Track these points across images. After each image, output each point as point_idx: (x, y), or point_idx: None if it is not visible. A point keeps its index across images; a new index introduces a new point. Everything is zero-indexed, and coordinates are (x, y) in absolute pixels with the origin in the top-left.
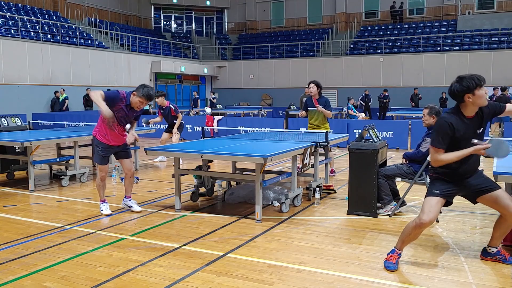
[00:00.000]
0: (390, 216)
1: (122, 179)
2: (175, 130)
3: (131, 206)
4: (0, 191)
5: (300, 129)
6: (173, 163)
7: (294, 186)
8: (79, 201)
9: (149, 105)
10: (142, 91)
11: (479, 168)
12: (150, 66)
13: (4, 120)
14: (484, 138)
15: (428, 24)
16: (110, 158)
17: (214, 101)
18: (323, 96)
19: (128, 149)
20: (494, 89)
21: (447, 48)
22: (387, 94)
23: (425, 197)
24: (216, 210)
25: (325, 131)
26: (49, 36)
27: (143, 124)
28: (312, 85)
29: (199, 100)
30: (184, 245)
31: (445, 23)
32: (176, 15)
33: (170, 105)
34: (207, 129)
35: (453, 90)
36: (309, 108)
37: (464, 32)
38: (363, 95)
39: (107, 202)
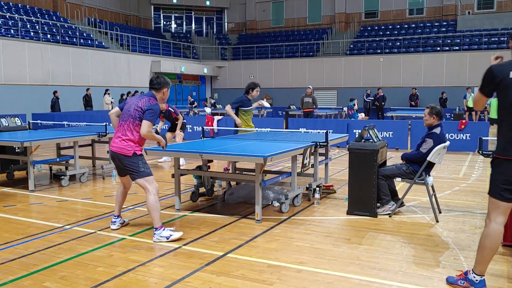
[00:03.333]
0: (390, 216)
1: None
2: (178, 131)
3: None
4: (0, 191)
5: (300, 129)
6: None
7: (294, 186)
8: (79, 201)
9: None
10: (169, 81)
11: None
12: (150, 66)
13: (4, 120)
14: None
15: (428, 24)
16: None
17: (213, 101)
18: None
19: None
20: None
21: (447, 48)
22: (382, 94)
23: None
24: (216, 210)
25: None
26: (49, 36)
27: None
28: (259, 88)
29: (195, 103)
30: (184, 245)
31: (445, 23)
32: (176, 15)
33: (170, 108)
34: (207, 129)
35: None
36: (246, 108)
37: (464, 32)
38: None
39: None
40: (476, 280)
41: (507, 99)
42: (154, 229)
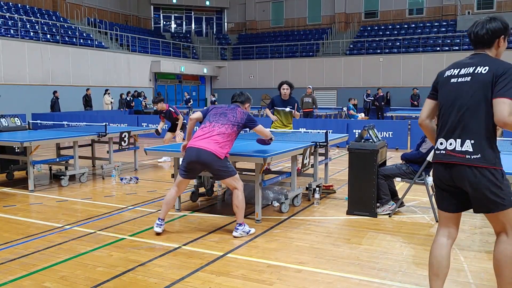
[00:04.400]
0: (389, 216)
1: (122, 179)
2: (178, 131)
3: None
4: (0, 191)
5: (300, 129)
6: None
7: (293, 186)
8: (79, 201)
9: (145, 102)
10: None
11: None
12: (150, 66)
13: (3, 120)
14: None
15: (428, 24)
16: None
17: (213, 99)
18: (293, 97)
19: None
20: None
21: (447, 48)
22: (382, 94)
23: None
24: (216, 210)
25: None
26: (48, 36)
27: (155, 133)
28: (286, 86)
29: (191, 100)
30: (184, 245)
31: (444, 23)
32: (175, 15)
33: (170, 108)
34: None
35: (491, 28)
36: (276, 108)
37: (464, 32)
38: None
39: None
40: None
41: (438, 100)
42: (237, 225)
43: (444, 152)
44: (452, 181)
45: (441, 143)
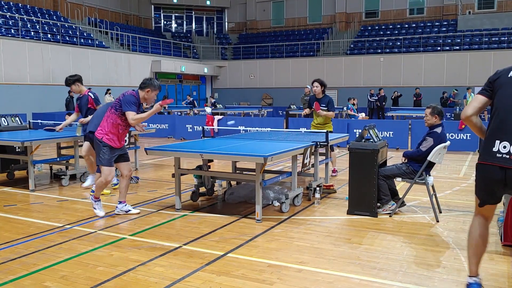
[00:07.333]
0: (390, 216)
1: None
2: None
3: (129, 210)
4: (0, 190)
5: (301, 128)
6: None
7: (294, 185)
8: (79, 200)
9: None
10: (157, 84)
11: None
12: (150, 65)
13: (4, 120)
14: None
15: (429, 24)
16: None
17: (213, 101)
18: (326, 95)
19: (127, 152)
20: None
21: (447, 48)
22: (383, 94)
23: None
24: (216, 210)
25: (325, 130)
26: (49, 35)
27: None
28: (316, 84)
29: (195, 101)
30: (184, 244)
31: (445, 23)
32: (176, 14)
33: (90, 93)
34: (207, 128)
35: None
36: (313, 107)
37: (464, 32)
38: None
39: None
40: (467, 284)
41: (496, 99)
42: (95, 199)
43: (507, 156)
44: (504, 182)
45: (505, 147)
